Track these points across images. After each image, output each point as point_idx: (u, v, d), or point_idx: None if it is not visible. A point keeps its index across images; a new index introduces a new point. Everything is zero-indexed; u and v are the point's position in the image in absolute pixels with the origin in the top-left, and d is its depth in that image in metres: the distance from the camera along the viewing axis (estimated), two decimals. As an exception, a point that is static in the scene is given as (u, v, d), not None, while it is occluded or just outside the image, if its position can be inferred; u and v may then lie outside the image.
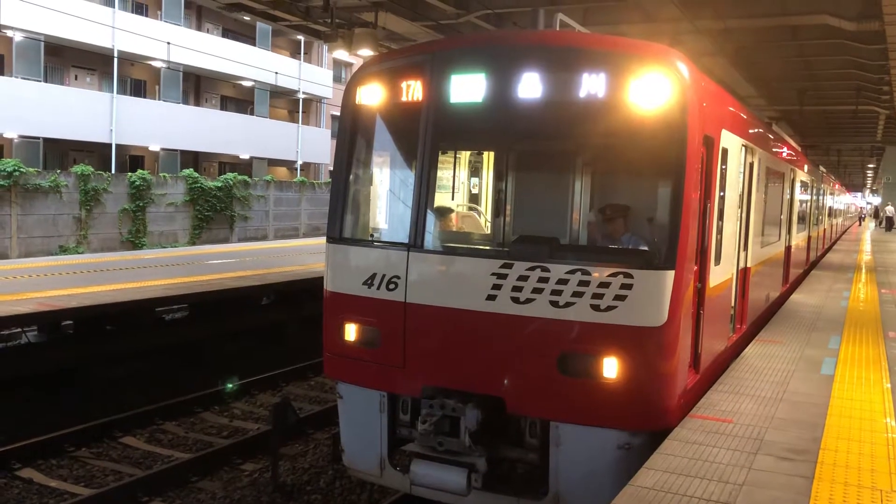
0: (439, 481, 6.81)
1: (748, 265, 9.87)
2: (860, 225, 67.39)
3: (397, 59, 7.82)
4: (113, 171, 32.01)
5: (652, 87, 6.32)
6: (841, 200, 45.72)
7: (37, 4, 26.72)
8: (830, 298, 14.23)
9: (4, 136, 32.80)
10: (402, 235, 7.17)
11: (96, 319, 12.68)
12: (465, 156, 9.15)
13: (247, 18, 28.41)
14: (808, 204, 19.84)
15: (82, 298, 12.41)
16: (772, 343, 9.76)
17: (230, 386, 12.84)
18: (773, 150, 12.28)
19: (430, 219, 7.23)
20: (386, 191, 8.10)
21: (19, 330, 13.14)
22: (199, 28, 43.07)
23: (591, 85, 6.50)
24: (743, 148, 8.93)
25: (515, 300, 6.51)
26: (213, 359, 14.45)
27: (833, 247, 31.80)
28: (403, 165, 7.95)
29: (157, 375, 13.44)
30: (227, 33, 44.88)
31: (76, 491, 8.98)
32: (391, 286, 7.07)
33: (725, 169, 7.89)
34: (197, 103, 43.96)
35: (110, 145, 35.65)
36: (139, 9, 39.76)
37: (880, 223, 59.20)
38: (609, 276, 6.25)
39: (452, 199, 8.58)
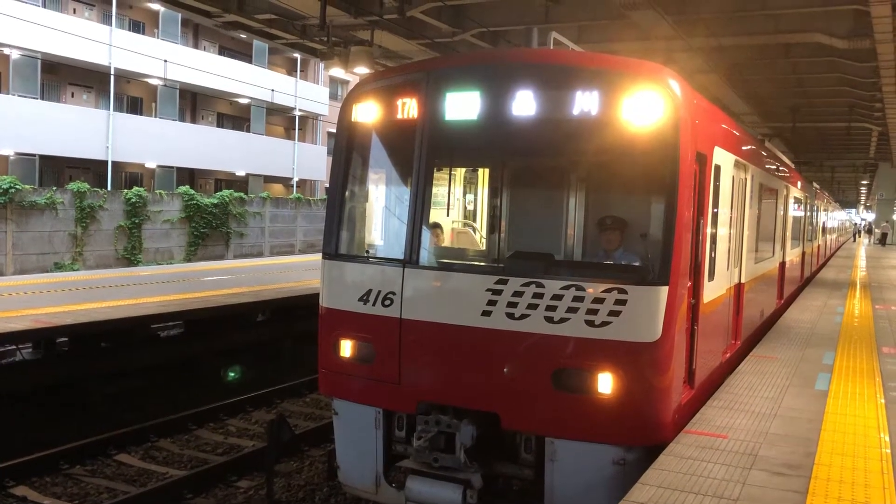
0: (435, 497, 6.79)
1: (742, 281, 9.91)
2: (854, 241, 67.58)
3: (393, 77, 7.88)
4: (109, 188, 32.03)
5: (645, 105, 6.38)
6: (835, 217, 45.91)
7: (34, 22, 26.85)
8: (825, 314, 14.27)
9: (1, 153, 32.82)
10: (398, 251, 7.20)
11: (91, 336, 12.65)
12: (460, 172, 9.19)
13: (244, 36, 28.61)
14: (802, 220, 19.93)
15: (77, 315, 12.40)
16: (766, 359, 9.79)
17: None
18: (767, 166, 12.36)
19: (426, 235, 7.26)
20: (381, 207, 8.14)
21: (14, 347, 13.10)
22: (195, 46, 43.24)
23: (585, 102, 6.57)
24: (736, 164, 8.99)
25: (510, 316, 6.53)
26: (209, 375, 14.41)
27: (827, 263, 31.89)
28: (399, 182, 8.00)
29: (153, 392, 13.40)
30: (223, 51, 45.10)
31: (70, 509, 8.95)
32: (387, 302, 7.09)
33: (718, 185, 7.95)
34: (193, 120, 44.07)
35: (106, 162, 35.70)
36: (136, 26, 39.95)
37: (878, 240, 59.50)
38: (603, 291, 6.29)
39: (448, 215, 8.62)
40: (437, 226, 8.20)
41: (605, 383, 6.28)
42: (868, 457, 6.11)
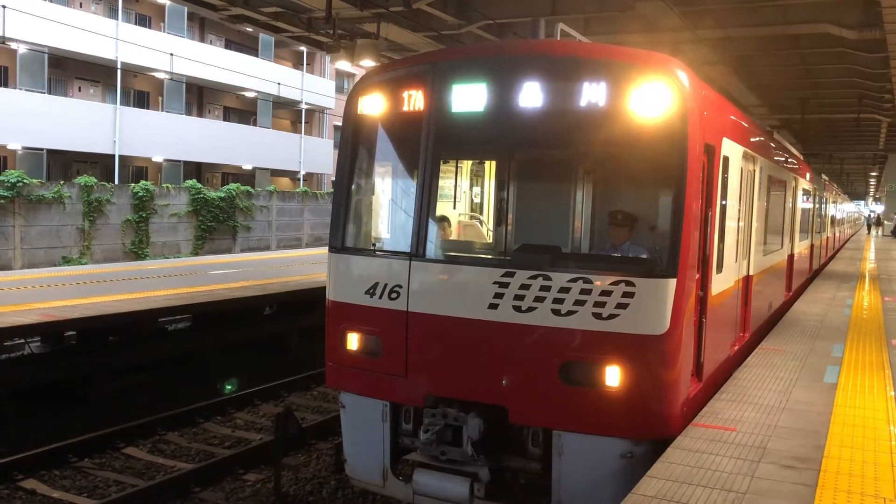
0: (442, 491, 6.80)
1: (750, 273, 9.86)
2: (869, 233, 67.15)
3: (399, 70, 7.85)
4: (116, 182, 32.09)
5: (652, 96, 6.33)
6: (843, 209, 45.71)
7: (41, 17, 26.88)
8: (834, 306, 14.20)
9: (8, 147, 32.91)
10: (404, 244, 7.18)
11: (99, 330, 12.68)
12: (466, 165, 9.17)
13: (250, 30, 28.56)
14: (811, 212, 19.83)
15: (85, 309, 12.43)
16: (775, 351, 9.74)
17: (229, 388, 12.93)
18: (775, 158, 12.29)
19: (432, 228, 7.23)
20: (388, 200, 8.12)
21: (22, 341, 13.14)
22: (202, 39, 43.25)
23: (592, 94, 6.52)
24: (744, 156, 8.94)
25: (517, 309, 6.50)
26: (216, 369, 14.44)
27: (836, 255, 31.75)
28: (405, 175, 7.97)
29: (160, 386, 13.44)
30: (229, 44, 45.07)
31: (79, 502, 8.97)
32: (393, 295, 7.08)
33: (727, 177, 7.90)
34: (200, 114, 44.11)
35: (113, 156, 35.75)
36: (142, 20, 39.98)
37: (893, 231, 59.14)
38: (611, 284, 6.25)
39: (454, 208, 8.59)
40: (444, 219, 8.18)
41: (613, 376, 6.25)
42: (878, 450, 6.08)
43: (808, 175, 18.62)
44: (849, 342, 10.60)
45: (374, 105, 7.49)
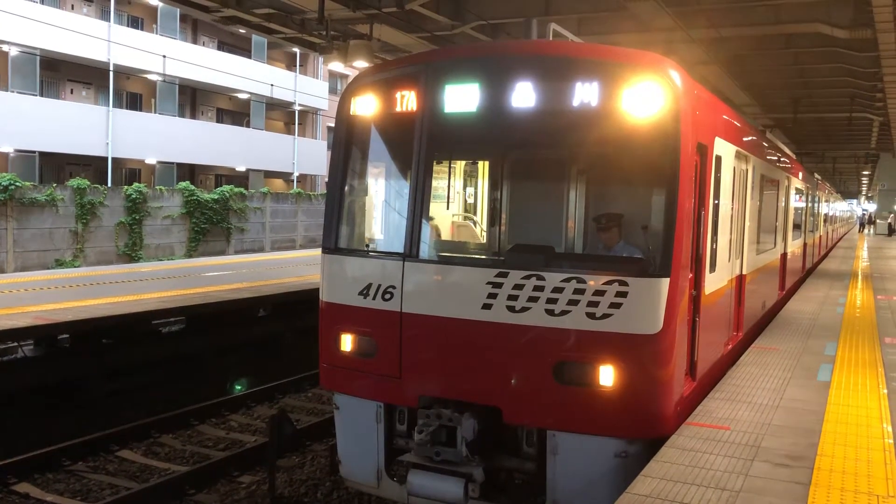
0: (436, 491, 6.79)
1: (744, 272, 9.88)
2: (861, 231, 67.29)
3: (391, 70, 7.84)
4: (109, 185, 31.98)
5: (645, 96, 6.34)
6: (836, 207, 45.86)
7: (33, 19, 26.79)
8: (827, 305, 14.24)
9: (0, 150, 32.78)
10: (398, 245, 7.17)
11: (93, 333, 12.65)
12: (460, 165, 9.16)
13: (242, 31, 28.56)
14: (804, 211, 19.89)
15: (79, 312, 12.40)
16: (768, 350, 9.77)
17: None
18: (768, 157, 12.32)
19: (426, 228, 7.23)
20: (381, 201, 8.12)
21: (15, 344, 13.10)
22: (194, 41, 43.14)
23: (585, 94, 6.53)
24: (737, 155, 8.96)
25: (511, 309, 6.51)
26: (210, 371, 14.41)
27: (829, 254, 31.85)
28: (398, 175, 7.97)
29: (154, 388, 13.40)
30: (222, 46, 44.98)
31: (72, 505, 8.96)
32: (387, 296, 7.07)
33: (719, 176, 7.92)
34: (193, 116, 43.98)
35: (106, 159, 35.63)
36: (135, 22, 39.85)
37: (887, 231, 59.27)
38: (604, 284, 6.26)
39: (448, 208, 8.59)
40: (443, 220, 8.18)
41: (607, 376, 6.26)
42: (871, 447, 6.10)
43: (800, 174, 18.67)
44: (842, 340, 10.63)
45: (367, 106, 7.49)
